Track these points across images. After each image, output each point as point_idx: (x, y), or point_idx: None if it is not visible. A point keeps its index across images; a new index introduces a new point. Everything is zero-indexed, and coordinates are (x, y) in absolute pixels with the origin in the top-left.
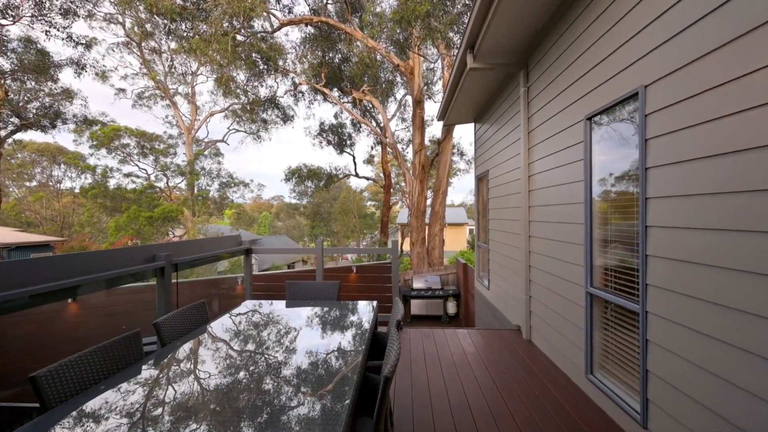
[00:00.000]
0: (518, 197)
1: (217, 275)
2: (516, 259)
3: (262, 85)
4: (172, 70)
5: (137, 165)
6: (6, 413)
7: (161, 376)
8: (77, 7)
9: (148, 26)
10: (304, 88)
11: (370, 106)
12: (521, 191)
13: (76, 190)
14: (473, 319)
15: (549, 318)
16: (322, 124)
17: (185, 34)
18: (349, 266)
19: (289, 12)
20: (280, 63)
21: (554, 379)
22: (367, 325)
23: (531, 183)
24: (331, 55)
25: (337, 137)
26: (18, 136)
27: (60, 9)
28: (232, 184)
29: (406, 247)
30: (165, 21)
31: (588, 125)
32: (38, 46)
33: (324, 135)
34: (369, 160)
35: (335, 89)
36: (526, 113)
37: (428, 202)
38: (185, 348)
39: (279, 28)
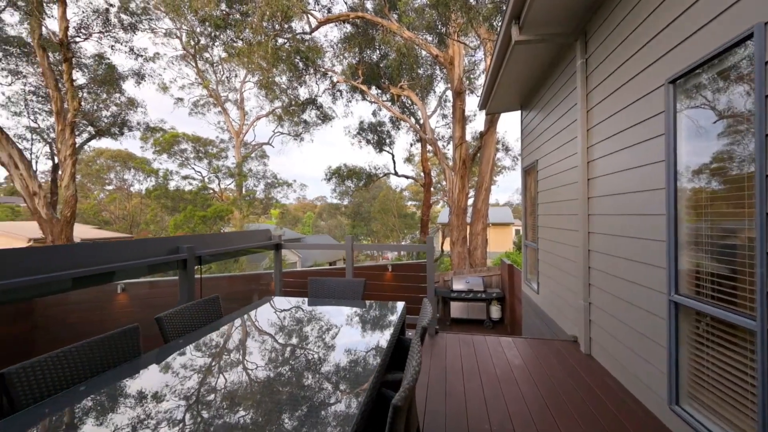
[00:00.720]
0: (574, 188)
1: (263, 270)
2: (572, 260)
3: (302, 85)
4: (223, 78)
5: (193, 168)
6: None
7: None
8: (137, 21)
9: (201, 39)
10: (342, 86)
11: (409, 102)
12: (578, 181)
13: (143, 192)
14: (520, 325)
15: (615, 330)
16: (361, 123)
17: (230, 41)
18: (385, 265)
19: (328, 11)
20: (319, 62)
21: (622, 405)
22: (388, 333)
23: (590, 170)
24: (368, 52)
25: (376, 136)
26: (93, 143)
27: (123, 25)
28: (276, 185)
29: (447, 247)
30: (210, 29)
31: (671, 91)
32: (107, 60)
33: (363, 134)
34: (408, 159)
35: (373, 87)
36: (584, 89)
37: (470, 200)
38: (188, 348)
39: (317, 27)
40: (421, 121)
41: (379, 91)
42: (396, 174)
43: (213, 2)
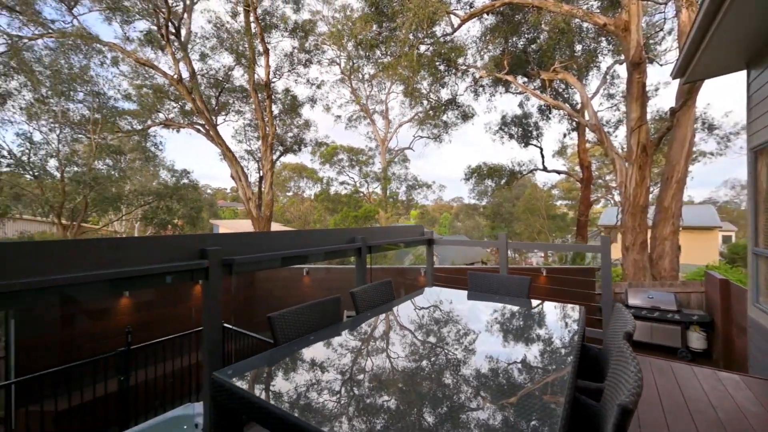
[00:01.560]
0: None
1: (408, 266)
2: None
3: (443, 87)
4: (372, 93)
5: (348, 174)
6: (261, 344)
7: (351, 347)
8: (311, 56)
9: (355, 62)
10: (484, 81)
11: (562, 87)
12: None
13: (312, 197)
14: (743, 362)
15: None
16: (503, 117)
17: (378, 58)
18: (537, 268)
19: (470, 7)
20: (460, 61)
21: None
22: (572, 335)
23: None
24: (514, 39)
25: (520, 129)
26: (282, 159)
27: (302, 62)
28: (417, 186)
29: (615, 253)
30: (363, 52)
31: None
32: (291, 92)
33: (506, 129)
34: (560, 152)
35: (519, 76)
36: None
37: (651, 196)
38: (374, 320)
39: (460, 26)
40: (579, 106)
41: (526, 79)
42: (544, 169)
43: (368, 27)
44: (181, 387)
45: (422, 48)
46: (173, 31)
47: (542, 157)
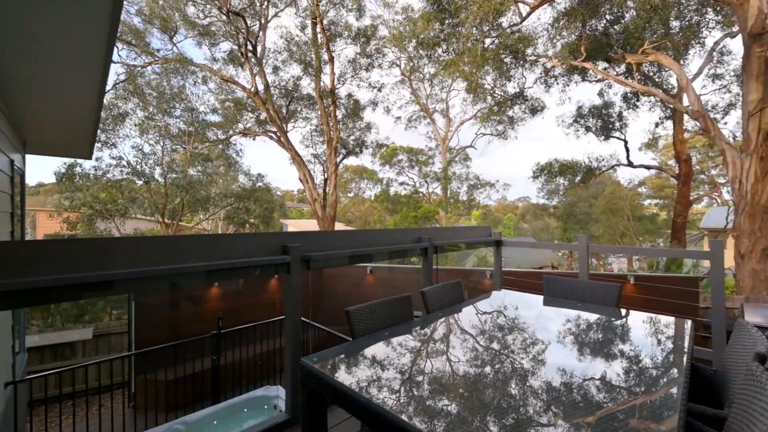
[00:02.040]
0: None
1: (471, 267)
2: None
3: (509, 80)
4: (431, 92)
5: (407, 175)
6: (331, 337)
7: (422, 346)
8: (373, 60)
9: (415, 62)
10: (557, 71)
11: (653, 70)
12: None
13: (372, 198)
14: None
15: None
16: (579, 108)
17: (439, 57)
18: (622, 275)
19: None
20: (528, 52)
21: None
22: (677, 352)
23: None
24: (592, 23)
25: (600, 120)
26: (345, 161)
27: (363, 66)
28: (479, 186)
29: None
30: (424, 51)
31: None
32: (353, 97)
33: (582, 121)
34: (651, 144)
35: (599, 62)
36: None
37: None
38: (442, 322)
39: (529, 14)
40: (674, 91)
41: (607, 65)
42: (630, 165)
43: (430, 26)
44: (261, 370)
45: (486, 42)
46: (251, 48)
47: (627, 150)
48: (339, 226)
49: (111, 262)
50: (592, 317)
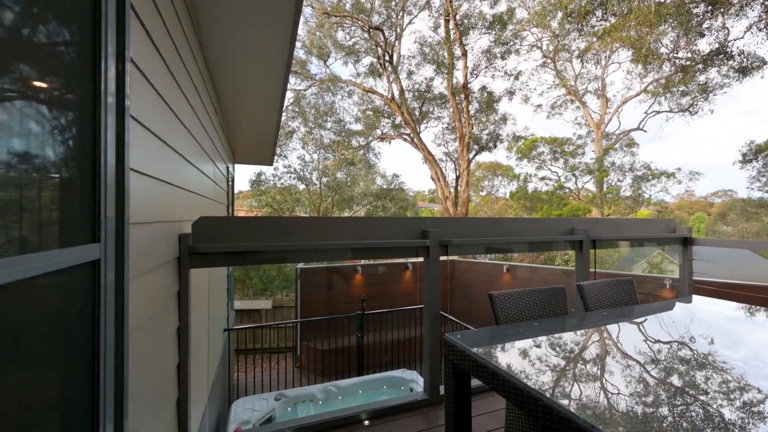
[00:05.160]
0: None
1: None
2: None
3: (701, 36)
4: (582, 71)
5: (549, 169)
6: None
7: (584, 343)
8: (510, 47)
9: (559, 40)
10: None
11: None
12: None
13: (506, 195)
14: None
15: None
16: None
17: (594, 28)
18: None
19: None
20: None
21: None
22: None
23: None
24: None
25: None
26: (477, 158)
27: (499, 55)
28: (650, 177)
29: None
30: (575, 24)
31: None
32: (487, 89)
33: None
34: None
35: None
36: None
37: None
38: (608, 324)
39: None
40: None
41: None
42: None
43: None
44: (398, 354)
45: None
46: (388, 59)
47: None
48: None
49: (290, 236)
50: None
